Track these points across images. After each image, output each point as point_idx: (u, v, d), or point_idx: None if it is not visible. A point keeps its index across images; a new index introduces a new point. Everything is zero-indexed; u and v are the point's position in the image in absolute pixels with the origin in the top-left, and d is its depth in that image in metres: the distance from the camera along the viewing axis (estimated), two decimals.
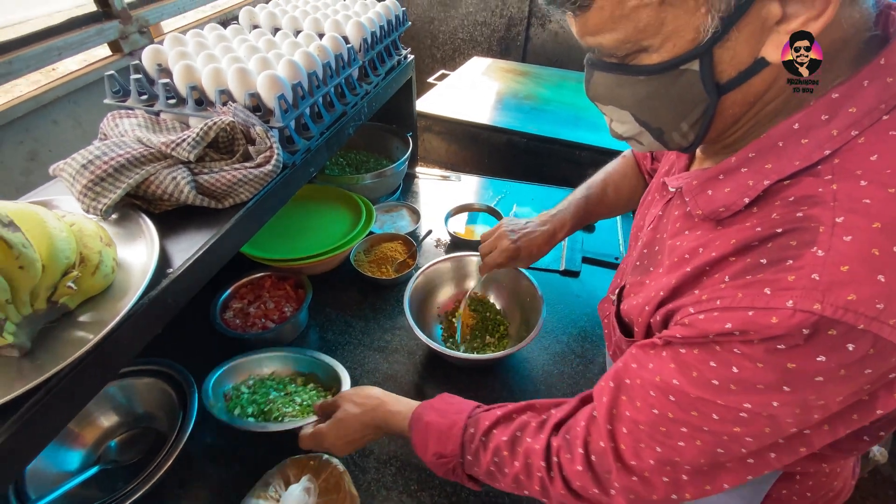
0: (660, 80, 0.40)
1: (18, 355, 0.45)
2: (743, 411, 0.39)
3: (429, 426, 0.59)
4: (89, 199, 0.59)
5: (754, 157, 0.41)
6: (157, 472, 0.67)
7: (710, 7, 0.34)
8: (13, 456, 0.42)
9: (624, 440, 0.46)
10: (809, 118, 0.38)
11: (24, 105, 0.91)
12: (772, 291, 0.35)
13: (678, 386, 0.42)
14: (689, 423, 0.42)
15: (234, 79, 0.71)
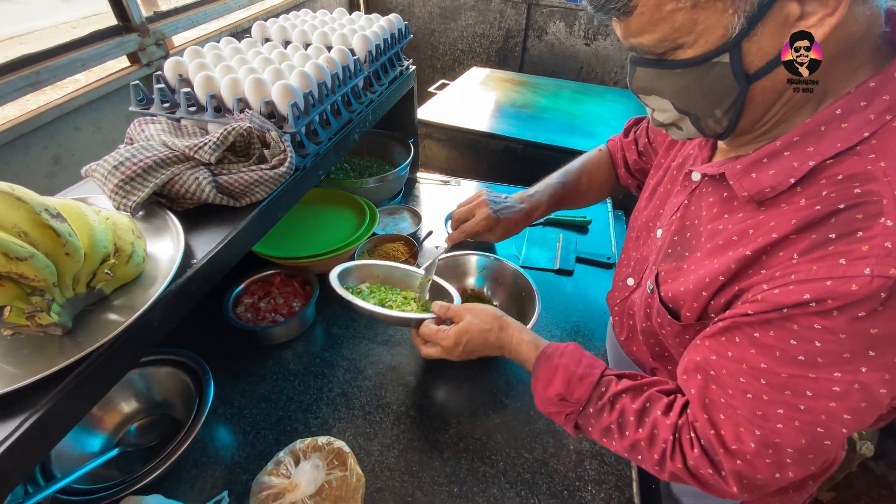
0: (695, 72, 0.45)
1: (61, 333, 0.50)
2: (835, 384, 0.40)
3: (559, 368, 0.61)
4: (120, 196, 0.64)
5: (798, 141, 0.44)
6: (173, 454, 0.72)
7: (736, 8, 0.40)
8: (57, 421, 0.47)
9: (724, 426, 0.48)
10: (850, 104, 0.42)
11: (50, 112, 0.97)
12: (847, 262, 0.38)
13: (766, 368, 0.44)
14: (785, 402, 0.43)
15: (250, 88, 0.77)
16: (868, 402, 0.41)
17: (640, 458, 0.56)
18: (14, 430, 0.43)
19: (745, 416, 0.46)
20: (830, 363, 0.40)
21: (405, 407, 0.86)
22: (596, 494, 0.74)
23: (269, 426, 0.83)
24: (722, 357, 0.48)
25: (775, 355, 0.43)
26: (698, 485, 0.52)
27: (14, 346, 0.50)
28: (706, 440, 0.50)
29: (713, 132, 0.50)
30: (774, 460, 0.45)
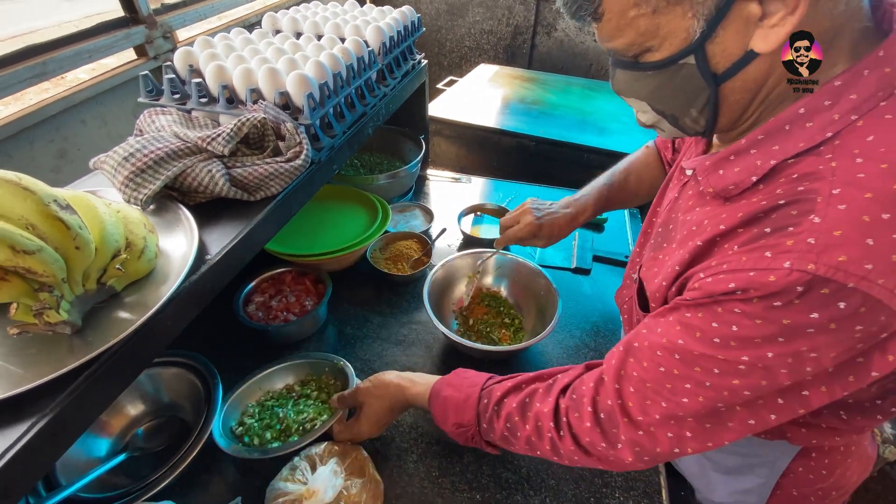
0: (665, 73, 0.46)
1: (70, 332, 0.47)
2: (741, 364, 0.42)
3: (447, 400, 0.64)
4: (130, 189, 0.61)
5: (763, 140, 0.45)
6: (183, 460, 0.69)
7: (695, 12, 0.40)
8: (67, 426, 0.44)
9: (631, 398, 0.50)
10: (814, 103, 0.42)
11: (56, 105, 0.95)
12: (772, 254, 0.39)
13: (683, 345, 0.45)
14: (693, 378, 0.45)
15: (264, 78, 0.74)
16: (769, 381, 0.42)
17: (539, 453, 0.58)
18: (21, 436, 0.40)
19: (654, 388, 0.48)
20: (741, 346, 0.42)
21: (422, 410, 0.83)
22: (623, 501, 0.71)
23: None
24: (651, 332, 0.50)
25: (695, 335, 0.45)
26: (594, 460, 0.54)
27: (20, 346, 0.47)
28: (607, 412, 0.51)
29: (693, 131, 0.51)
30: (675, 433, 0.48)
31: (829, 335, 0.38)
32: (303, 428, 0.75)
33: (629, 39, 0.45)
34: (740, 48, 0.42)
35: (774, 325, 0.39)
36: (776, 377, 0.41)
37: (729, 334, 0.42)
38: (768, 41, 0.40)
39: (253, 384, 0.82)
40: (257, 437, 0.74)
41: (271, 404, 0.80)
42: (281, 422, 0.76)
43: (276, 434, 0.74)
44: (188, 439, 0.71)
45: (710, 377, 0.44)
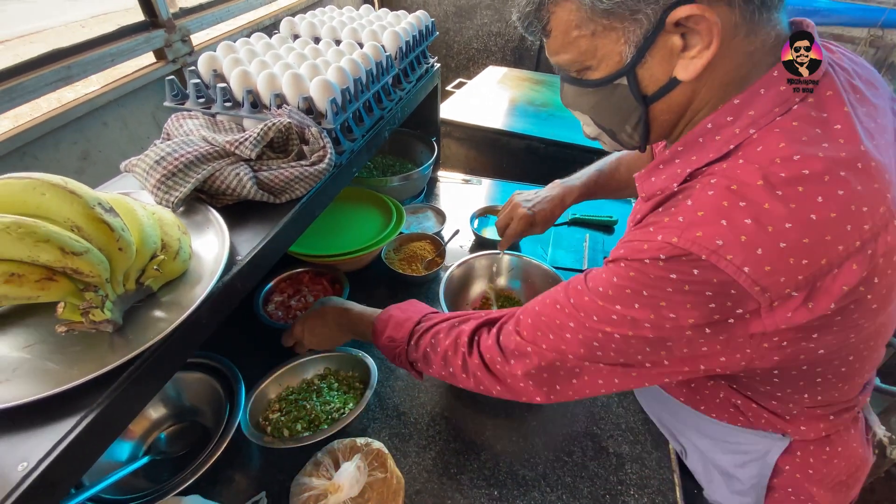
0: (602, 91, 0.52)
1: (112, 330, 0.49)
2: (614, 314, 0.49)
3: (390, 318, 0.72)
4: (162, 192, 0.63)
5: (682, 151, 0.51)
6: (205, 463, 0.69)
7: (627, 39, 0.46)
8: (112, 421, 0.46)
9: (526, 327, 0.58)
10: (718, 119, 0.47)
11: (80, 108, 0.96)
12: (654, 229, 0.46)
13: (579, 290, 0.54)
14: (576, 319, 0.53)
15: (288, 83, 0.76)
16: (634, 332, 0.49)
17: (451, 370, 0.65)
18: (70, 430, 0.42)
19: (546, 322, 0.56)
20: (616, 297, 0.49)
21: (440, 408, 0.85)
22: (638, 499, 0.73)
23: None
24: (561, 284, 0.58)
25: (588, 285, 0.52)
26: (493, 381, 0.61)
27: (65, 344, 0.49)
28: (506, 333, 0.60)
29: (630, 145, 0.57)
30: (559, 359, 0.55)
31: (683, 296, 0.45)
32: (331, 417, 0.77)
33: (572, 57, 0.50)
34: (666, 74, 0.47)
35: (643, 279, 0.46)
36: (640, 329, 0.48)
37: (609, 285, 0.49)
38: (688, 70, 0.46)
39: (273, 381, 0.84)
40: (287, 428, 0.76)
41: (294, 398, 0.82)
42: (309, 413, 0.78)
43: (306, 425, 0.76)
44: (214, 436, 0.73)
45: (589, 321, 0.52)
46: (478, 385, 0.63)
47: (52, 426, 0.42)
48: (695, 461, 0.75)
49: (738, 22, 0.44)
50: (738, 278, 0.41)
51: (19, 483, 0.38)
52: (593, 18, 0.46)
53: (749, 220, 0.41)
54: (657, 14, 0.44)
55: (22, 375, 0.45)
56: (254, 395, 0.81)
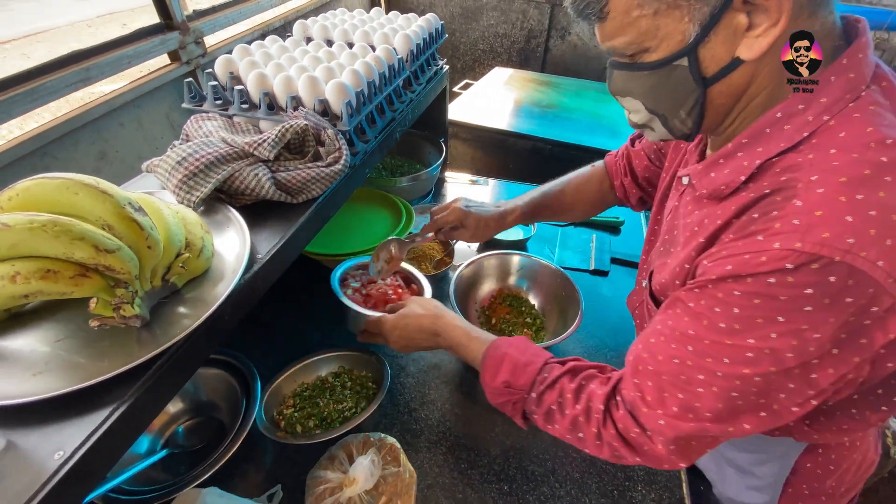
0: (659, 73, 0.49)
1: (140, 325, 0.51)
2: (749, 350, 0.44)
3: (506, 357, 0.64)
4: (184, 191, 0.65)
5: (747, 143, 0.49)
6: (222, 457, 0.71)
7: (691, 17, 0.44)
8: (142, 413, 0.47)
9: (649, 391, 0.52)
10: (788, 108, 0.46)
11: (98, 109, 0.99)
12: (763, 237, 0.43)
13: (693, 335, 0.48)
14: (705, 368, 0.47)
15: (304, 86, 0.78)
16: (777, 367, 0.44)
17: (580, 436, 0.58)
18: (104, 420, 0.44)
19: (670, 380, 0.50)
20: (745, 329, 0.44)
21: (450, 404, 0.87)
22: (646, 494, 0.74)
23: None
24: (663, 325, 0.52)
25: (703, 323, 0.47)
26: (632, 453, 0.54)
27: (94, 339, 0.50)
28: (631, 403, 0.54)
29: (681, 133, 0.55)
30: (696, 424, 0.49)
31: (825, 311, 0.41)
32: (343, 416, 0.79)
33: (630, 38, 0.48)
34: (728, 54, 0.46)
35: (773, 302, 0.42)
36: (783, 360, 0.43)
37: (732, 317, 0.44)
38: (752, 50, 0.44)
39: (288, 377, 0.86)
40: (300, 425, 0.78)
41: (308, 395, 0.84)
42: (322, 411, 0.79)
43: (318, 422, 0.78)
44: (230, 431, 0.75)
45: (721, 366, 0.46)
46: (613, 454, 0.56)
47: (85, 417, 0.44)
48: (706, 459, 0.76)
49: (802, 2, 0.43)
50: (874, 275, 0.39)
51: (56, 471, 0.40)
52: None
53: (873, 211, 0.39)
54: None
55: (54, 368, 0.47)
56: (269, 391, 0.82)
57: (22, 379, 0.46)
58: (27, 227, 0.44)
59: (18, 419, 0.43)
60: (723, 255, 0.46)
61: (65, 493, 0.41)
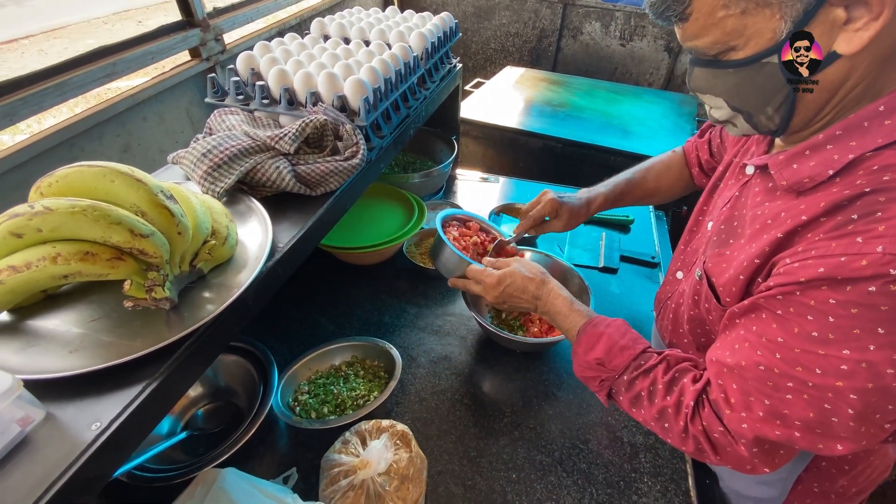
0: (746, 71, 0.48)
1: (169, 308, 0.53)
2: (843, 362, 0.42)
3: (603, 335, 0.65)
4: (209, 182, 0.68)
5: (841, 135, 0.46)
6: (240, 440, 0.74)
7: (783, 14, 0.43)
8: (171, 389, 0.50)
9: (734, 394, 0.51)
10: (893, 102, 0.44)
11: (123, 103, 1.02)
12: (863, 240, 0.40)
13: (782, 342, 0.46)
14: (795, 377, 0.45)
15: (323, 82, 0.80)
16: (874, 383, 0.41)
17: (666, 426, 0.58)
18: (137, 394, 0.46)
19: (756, 385, 0.48)
20: (841, 339, 0.42)
21: (459, 395, 0.89)
22: (652, 486, 0.75)
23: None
24: (747, 331, 0.50)
25: (793, 331, 0.45)
26: (714, 452, 0.54)
27: (126, 319, 0.53)
28: (716, 404, 0.53)
29: (767, 129, 0.53)
30: (783, 433, 0.47)
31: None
32: (356, 403, 0.81)
33: (714, 38, 0.47)
34: (824, 49, 0.43)
35: (873, 313, 0.39)
36: (882, 377, 0.40)
37: (826, 325, 0.42)
38: (851, 44, 0.42)
39: (303, 365, 0.88)
40: (315, 411, 0.80)
41: (322, 382, 0.86)
42: (336, 397, 0.82)
43: (332, 408, 0.80)
44: (248, 415, 0.77)
45: (813, 377, 0.44)
46: (697, 448, 0.56)
47: (119, 392, 0.46)
48: None
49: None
50: None
51: (93, 441, 0.43)
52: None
53: None
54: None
55: (89, 346, 0.50)
56: (284, 378, 0.85)
57: (59, 355, 0.49)
58: (69, 212, 0.46)
59: (57, 393, 0.46)
60: (812, 254, 0.43)
61: (101, 461, 0.43)
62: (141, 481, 0.69)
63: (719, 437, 0.53)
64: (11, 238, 0.47)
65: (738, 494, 0.76)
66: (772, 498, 0.71)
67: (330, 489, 0.69)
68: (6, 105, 0.81)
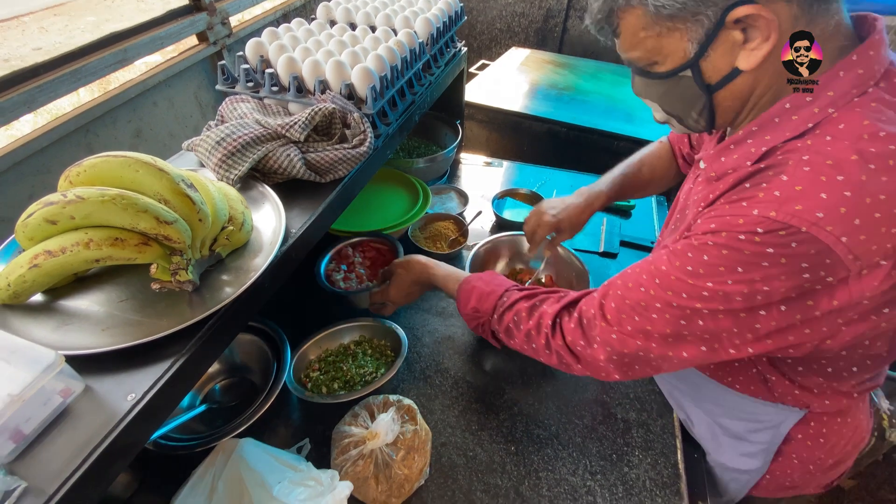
0: (669, 82, 0.56)
1: (191, 290, 0.57)
2: (705, 290, 0.51)
3: (474, 289, 0.77)
4: (223, 170, 0.71)
5: (756, 131, 0.54)
6: (256, 412, 0.78)
7: (689, 37, 0.51)
8: (197, 364, 0.54)
9: (610, 310, 0.60)
10: (797, 100, 0.51)
11: (135, 88, 1.04)
12: (747, 204, 0.49)
13: (664, 271, 0.55)
14: (664, 299, 0.55)
15: (331, 70, 0.82)
16: (725, 307, 0.51)
17: (533, 346, 0.69)
18: (167, 368, 0.50)
19: (631, 305, 0.58)
20: (707, 274, 0.51)
21: (462, 373, 0.93)
22: (643, 459, 0.80)
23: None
24: (644, 261, 0.60)
25: (675, 264, 0.54)
26: (575, 360, 0.64)
27: (152, 300, 0.57)
28: (588, 318, 0.63)
29: (697, 129, 0.62)
30: (643, 344, 0.58)
31: (778, 269, 0.47)
32: (364, 380, 0.86)
33: (640, 54, 0.55)
34: (728, 65, 0.52)
35: (737, 255, 0.48)
36: (731, 303, 0.50)
37: (700, 263, 0.52)
38: (749, 61, 0.50)
39: (314, 344, 0.93)
40: (325, 386, 0.85)
41: (332, 360, 0.91)
42: (345, 374, 0.87)
43: (341, 385, 0.85)
44: (262, 390, 0.82)
45: (678, 299, 0.54)
46: (560, 362, 0.66)
47: (151, 366, 0.51)
48: (702, 429, 0.82)
49: (796, 14, 0.48)
50: (835, 248, 0.44)
51: (129, 410, 0.47)
52: (658, 22, 0.51)
53: (848, 192, 0.44)
54: (717, 15, 0.48)
55: (120, 325, 0.54)
56: (296, 356, 0.90)
57: (93, 333, 0.53)
58: (99, 200, 0.50)
59: (93, 367, 0.50)
60: (711, 215, 0.53)
61: (136, 428, 0.48)
62: (166, 449, 0.75)
63: (581, 349, 0.63)
64: (46, 224, 0.50)
65: (723, 467, 0.81)
66: (754, 469, 0.76)
67: (341, 458, 0.74)
68: (25, 93, 0.84)
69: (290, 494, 0.65)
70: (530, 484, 0.77)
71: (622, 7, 0.53)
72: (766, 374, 0.66)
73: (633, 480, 0.78)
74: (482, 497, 0.75)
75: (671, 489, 0.77)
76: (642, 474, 0.78)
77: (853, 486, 1.91)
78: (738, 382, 0.70)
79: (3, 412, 0.42)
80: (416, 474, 0.74)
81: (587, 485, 0.77)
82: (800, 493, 0.78)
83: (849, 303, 0.48)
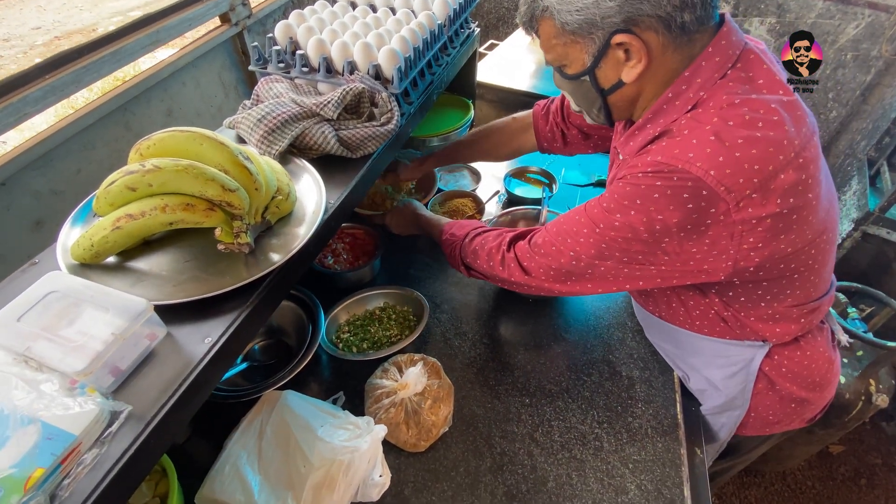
0: (574, 83, 0.71)
1: (247, 252, 0.64)
2: (616, 221, 0.65)
3: (453, 225, 0.94)
4: (265, 145, 0.77)
5: (652, 117, 0.67)
6: (295, 368, 0.87)
7: (586, 51, 0.65)
8: (257, 317, 0.62)
9: (551, 234, 0.75)
10: (676, 89, 0.64)
11: (166, 69, 1.09)
12: (650, 156, 0.63)
13: (591, 205, 0.70)
14: (589, 226, 0.69)
15: (359, 52, 0.87)
16: (632, 235, 0.64)
17: (492, 263, 0.82)
18: (236, 317, 0.58)
19: (567, 229, 0.72)
20: (616, 207, 0.65)
21: (479, 336, 1.01)
22: (645, 410, 0.89)
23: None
24: (584, 204, 0.73)
25: (602, 204, 0.67)
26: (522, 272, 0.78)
27: (212, 261, 0.64)
28: (535, 240, 0.77)
29: (600, 121, 0.76)
30: (566, 260, 0.72)
31: (667, 200, 0.60)
32: (390, 341, 0.94)
33: (552, 57, 0.69)
34: (616, 77, 0.66)
35: (635, 190, 0.62)
36: (636, 231, 0.64)
37: (611, 199, 0.65)
38: (629, 75, 0.64)
39: (343, 309, 1.01)
40: (356, 346, 0.93)
41: (360, 323, 0.99)
42: (373, 336, 0.95)
43: (370, 345, 0.93)
44: (300, 349, 0.90)
45: (599, 228, 0.67)
46: (510, 276, 0.79)
47: (222, 315, 0.58)
48: (697, 382, 0.90)
49: (664, 43, 0.61)
50: (706, 179, 0.57)
51: (207, 351, 0.55)
52: (564, 34, 0.64)
53: (712, 137, 0.58)
54: (604, 37, 0.62)
55: (189, 281, 0.61)
56: (328, 319, 0.98)
57: (166, 288, 0.60)
58: (174, 170, 0.56)
59: (172, 316, 0.57)
60: (625, 168, 0.66)
61: (213, 367, 0.55)
62: (218, 398, 0.83)
63: (527, 263, 0.77)
64: (127, 191, 0.57)
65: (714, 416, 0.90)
66: (738, 408, 0.85)
67: (374, 406, 0.82)
68: (73, 73, 0.89)
69: (332, 435, 0.74)
70: (544, 431, 0.85)
71: (539, 16, 0.66)
72: (722, 314, 0.77)
73: (636, 429, 0.86)
74: (500, 442, 0.84)
75: (671, 436, 0.86)
76: (645, 423, 0.87)
77: (842, 451, 2.02)
78: (706, 327, 0.81)
79: (108, 349, 0.50)
80: (442, 421, 0.82)
81: (595, 432, 0.86)
82: (785, 427, 0.88)
83: (741, 231, 0.60)
